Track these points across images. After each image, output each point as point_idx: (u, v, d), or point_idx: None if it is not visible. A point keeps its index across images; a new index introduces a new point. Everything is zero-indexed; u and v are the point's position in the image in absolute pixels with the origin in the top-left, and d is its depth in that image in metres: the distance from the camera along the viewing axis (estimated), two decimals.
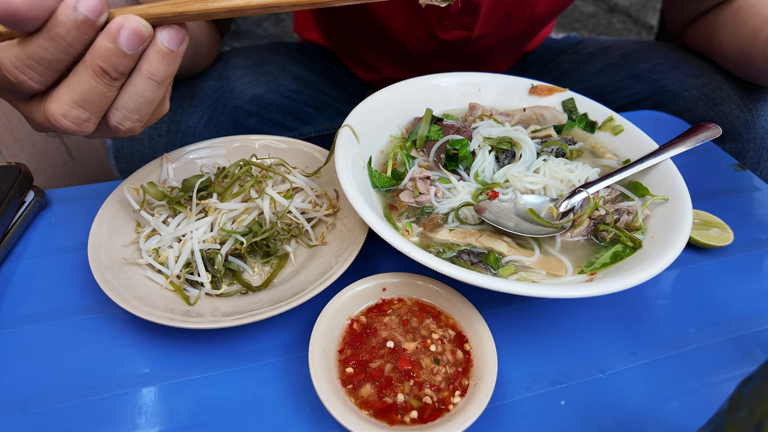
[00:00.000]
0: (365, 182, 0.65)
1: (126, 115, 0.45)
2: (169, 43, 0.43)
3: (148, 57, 0.43)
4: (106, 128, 0.46)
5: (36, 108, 0.44)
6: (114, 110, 0.45)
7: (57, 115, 0.43)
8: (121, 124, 0.46)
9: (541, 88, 0.81)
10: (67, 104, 0.42)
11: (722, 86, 0.95)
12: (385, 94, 0.74)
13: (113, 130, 0.47)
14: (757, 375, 0.32)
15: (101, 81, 0.42)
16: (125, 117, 0.46)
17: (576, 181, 0.66)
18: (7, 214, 0.65)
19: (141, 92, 0.44)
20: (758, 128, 0.92)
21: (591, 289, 0.49)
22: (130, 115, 0.46)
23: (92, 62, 0.41)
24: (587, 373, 0.56)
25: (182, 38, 0.44)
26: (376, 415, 0.47)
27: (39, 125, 0.46)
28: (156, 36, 0.43)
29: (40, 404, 0.51)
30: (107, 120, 0.46)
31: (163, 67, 0.44)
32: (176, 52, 0.44)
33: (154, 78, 0.44)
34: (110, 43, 0.40)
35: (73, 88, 0.42)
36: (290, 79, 1.11)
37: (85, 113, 0.43)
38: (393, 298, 0.57)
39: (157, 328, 0.58)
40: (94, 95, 0.42)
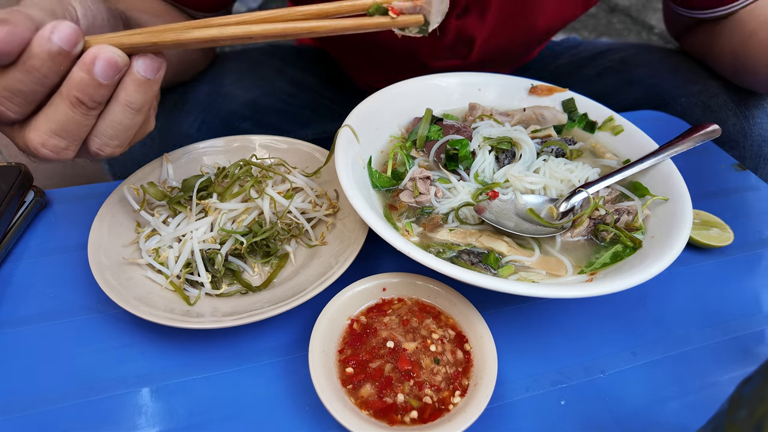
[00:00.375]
0: (365, 182, 0.65)
1: (105, 141, 0.45)
2: (146, 72, 0.43)
3: (125, 85, 0.43)
4: (87, 154, 0.46)
5: (17, 134, 0.44)
6: (93, 137, 0.45)
7: (36, 144, 0.42)
8: (101, 150, 0.46)
9: (541, 88, 0.81)
10: (45, 134, 0.42)
11: (719, 93, 0.95)
12: (385, 94, 0.74)
13: (94, 155, 0.46)
14: (757, 375, 0.32)
15: (78, 111, 0.42)
16: (104, 144, 0.45)
17: (576, 181, 0.66)
18: (7, 214, 0.65)
19: (119, 120, 0.44)
20: (755, 135, 0.93)
21: (591, 289, 0.49)
22: (109, 142, 0.46)
23: (68, 93, 0.41)
24: (587, 373, 0.55)
25: (158, 66, 0.44)
26: (376, 415, 0.47)
27: (22, 150, 0.46)
28: (132, 65, 0.43)
29: (40, 404, 0.51)
30: (87, 146, 0.45)
31: (139, 95, 0.44)
32: (153, 80, 0.44)
33: (131, 106, 0.44)
34: (85, 73, 0.40)
35: (50, 118, 0.42)
36: (286, 82, 1.11)
37: (64, 142, 0.43)
38: (393, 298, 0.57)
39: (157, 328, 0.58)
40: (71, 124, 0.42)
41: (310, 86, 1.14)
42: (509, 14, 0.90)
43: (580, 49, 1.19)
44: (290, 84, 1.11)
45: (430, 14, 0.44)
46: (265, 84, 1.07)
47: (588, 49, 1.18)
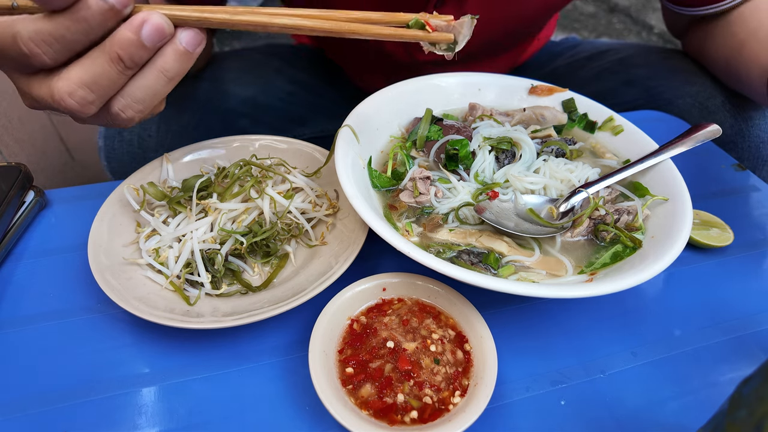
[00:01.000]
0: (365, 182, 0.65)
1: (129, 103, 0.46)
2: (188, 44, 0.45)
3: (165, 53, 0.44)
4: (107, 114, 0.47)
5: (38, 83, 0.45)
6: (119, 97, 0.46)
7: (63, 93, 0.43)
8: (122, 111, 0.47)
9: (541, 88, 0.81)
10: (76, 84, 0.43)
11: (716, 94, 0.95)
12: (385, 94, 0.74)
13: (113, 116, 0.47)
14: (757, 375, 0.32)
15: (115, 67, 0.43)
16: (128, 105, 0.47)
17: (576, 181, 0.66)
18: (7, 214, 0.65)
19: (150, 84, 0.46)
20: (752, 137, 0.93)
21: (591, 289, 0.49)
22: (134, 105, 0.47)
23: (110, 49, 0.42)
24: (587, 373, 0.55)
25: (200, 41, 0.46)
26: (376, 415, 0.47)
27: (36, 101, 0.46)
28: (176, 35, 0.44)
29: (40, 404, 0.51)
30: (109, 106, 0.47)
31: (176, 65, 0.45)
32: (192, 53, 0.45)
33: (166, 73, 0.45)
34: (132, 34, 0.42)
35: (86, 69, 0.43)
36: (285, 81, 1.10)
37: (92, 95, 0.44)
38: (393, 298, 0.57)
39: (157, 328, 0.58)
40: (104, 79, 0.44)
41: (308, 85, 1.14)
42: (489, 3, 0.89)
43: (579, 50, 1.19)
44: (289, 82, 1.11)
45: (459, 35, 0.48)
46: (264, 82, 1.07)
47: (587, 50, 1.18)
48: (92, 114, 0.46)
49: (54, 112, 0.48)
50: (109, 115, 0.47)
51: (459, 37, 0.48)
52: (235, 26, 0.45)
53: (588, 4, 3.69)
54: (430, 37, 0.48)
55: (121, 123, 0.49)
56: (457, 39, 0.48)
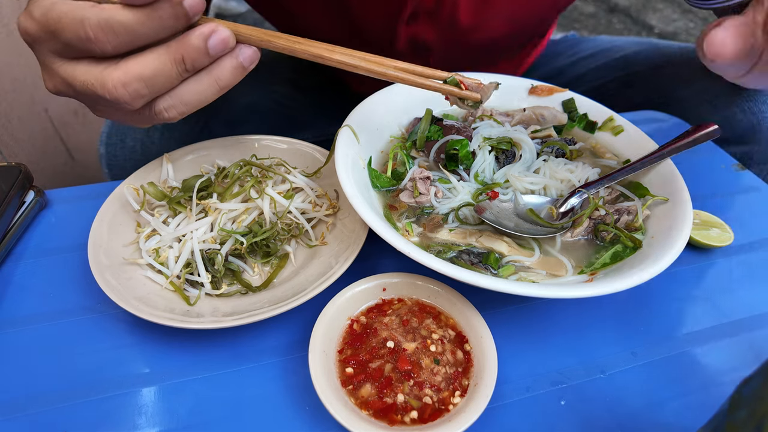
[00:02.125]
0: (365, 182, 0.65)
1: (176, 104, 0.48)
2: (245, 60, 0.48)
3: (222, 64, 0.47)
4: (148, 110, 0.49)
5: (84, 68, 0.46)
6: (167, 96, 0.48)
7: (117, 83, 0.45)
8: (166, 110, 0.49)
9: (541, 89, 0.81)
10: (134, 76, 0.45)
11: (725, 90, 0.94)
12: (385, 94, 0.74)
13: (155, 113, 0.49)
14: (757, 375, 0.32)
15: (176, 68, 0.45)
16: (173, 106, 0.48)
17: (576, 182, 0.66)
18: (7, 214, 0.65)
19: (202, 90, 0.48)
20: (764, 131, 0.91)
21: (591, 289, 0.49)
22: (179, 106, 0.49)
23: (176, 49, 0.45)
24: (587, 373, 0.55)
25: (256, 59, 0.49)
26: (376, 415, 0.47)
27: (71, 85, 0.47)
28: (236, 49, 0.48)
29: (40, 404, 0.51)
30: (154, 103, 0.48)
31: (231, 76, 0.48)
32: (246, 69, 0.49)
33: (219, 82, 0.48)
34: (200, 41, 0.45)
35: (146, 64, 0.45)
36: (286, 86, 1.10)
37: (146, 90, 0.46)
38: (393, 298, 0.57)
39: (157, 328, 0.58)
40: (162, 77, 0.45)
41: (310, 89, 1.14)
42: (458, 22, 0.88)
43: (580, 48, 1.18)
44: (290, 87, 1.11)
45: (485, 95, 0.55)
46: (265, 88, 1.06)
47: (588, 48, 1.17)
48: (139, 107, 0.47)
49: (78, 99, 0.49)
50: (151, 112, 0.49)
51: (484, 98, 0.55)
52: (295, 53, 0.50)
53: (588, 4, 3.69)
54: (462, 94, 0.55)
55: (159, 121, 0.50)
56: (482, 99, 0.55)
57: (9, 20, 1.22)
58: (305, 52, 0.50)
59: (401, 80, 0.53)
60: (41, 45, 0.46)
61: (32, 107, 1.31)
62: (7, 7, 1.21)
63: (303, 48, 0.50)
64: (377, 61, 0.52)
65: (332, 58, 0.50)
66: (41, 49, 0.47)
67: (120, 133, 0.94)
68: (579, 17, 3.57)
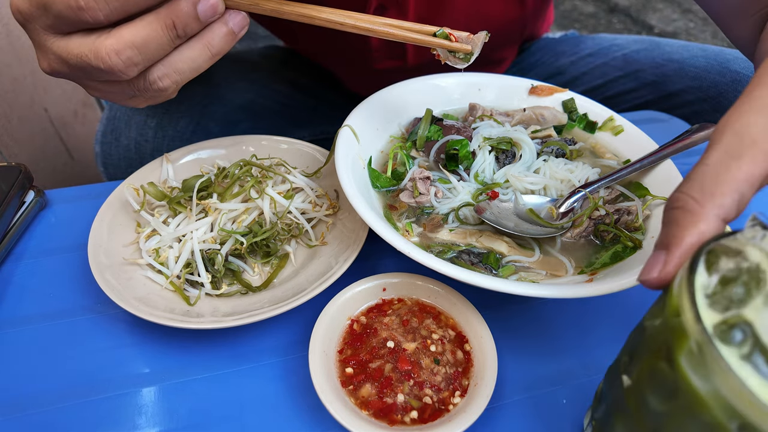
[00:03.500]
0: (365, 182, 0.65)
1: (169, 72, 0.48)
2: (234, 26, 0.48)
3: (213, 29, 0.48)
4: (143, 80, 0.49)
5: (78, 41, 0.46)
6: (160, 65, 0.48)
7: (111, 50, 0.45)
8: (160, 79, 0.49)
9: (541, 89, 0.81)
10: (126, 44, 0.45)
11: (727, 90, 0.93)
12: (385, 94, 0.74)
13: (149, 83, 0.49)
14: None
15: (167, 34, 0.45)
16: (167, 74, 0.49)
17: (576, 182, 0.66)
18: (7, 214, 0.65)
19: (194, 57, 0.48)
20: None
21: (591, 289, 0.49)
22: (173, 74, 0.49)
23: (166, 15, 0.45)
24: (587, 373, 0.55)
25: (245, 24, 0.49)
26: (376, 415, 0.47)
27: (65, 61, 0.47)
28: (225, 15, 0.48)
29: (40, 404, 0.51)
30: (148, 72, 0.48)
31: (221, 42, 0.48)
32: (236, 35, 0.49)
33: (211, 49, 0.48)
34: (189, 6, 0.45)
35: (138, 31, 0.45)
36: (283, 84, 1.10)
37: (139, 57, 0.46)
38: (393, 298, 0.57)
39: (157, 328, 0.58)
40: (154, 44, 0.46)
41: (306, 88, 1.14)
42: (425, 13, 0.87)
43: (581, 46, 1.17)
44: (287, 86, 1.10)
45: (475, 47, 0.54)
46: (262, 86, 1.06)
47: (589, 46, 1.16)
48: (133, 75, 0.47)
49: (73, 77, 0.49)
50: (146, 81, 0.49)
51: (475, 49, 0.54)
52: (283, 15, 0.50)
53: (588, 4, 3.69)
54: (452, 46, 0.54)
55: (153, 93, 0.50)
56: (473, 50, 0.54)
57: (9, 20, 1.21)
58: (293, 12, 0.50)
59: (389, 35, 0.52)
60: (34, 22, 0.46)
61: (32, 107, 1.31)
62: (7, 7, 1.21)
63: (291, 9, 0.50)
64: (365, 18, 0.52)
65: (320, 17, 0.50)
66: (34, 27, 0.47)
67: (114, 132, 0.94)
68: (579, 17, 3.57)
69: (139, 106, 0.55)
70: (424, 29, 0.54)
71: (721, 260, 0.31)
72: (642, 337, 0.36)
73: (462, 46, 0.54)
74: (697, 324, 0.28)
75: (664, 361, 0.31)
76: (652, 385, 0.33)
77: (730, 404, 0.26)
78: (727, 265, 0.30)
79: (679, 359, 0.29)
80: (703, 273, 0.30)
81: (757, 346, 0.27)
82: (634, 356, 0.36)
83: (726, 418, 0.27)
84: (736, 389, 0.26)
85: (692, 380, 0.29)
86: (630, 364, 0.36)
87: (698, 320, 0.28)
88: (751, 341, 0.27)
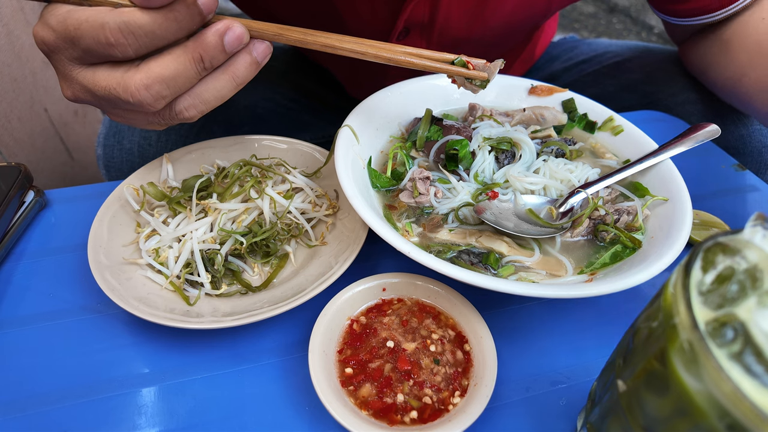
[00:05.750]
0: (365, 182, 0.65)
1: (196, 103, 0.49)
2: (258, 55, 0.49)
3: (237, 60, 0.49)
4: (169, 110, 0.50)
5: (105, 73, 0.47)
6: (187, 96, 0.49)
7: (140, 86, 0.46)
8: (186, 109, 0.49)
9: (541, 89, 0.81)
10: (156, 78, 0.46)
11: (716, 99, 0.94)
12: (385, 94, 0.74)
13: (176, 113, 0.50)
14: None
15: (195, 67, 0.46)
16: (193, 105, 0.49)
17: (576, 182, 0.66)
18: (7, 214, 0.65)
19: (219, 87, 0.49)
20: (755, 142, 0.92)
21: (591, 289, 0.49)
22: (199, 104, 0.49)
23: (194, 49, 0.46)
24: (587, 373, 0.55)
25: (269, 54, 0.50)
26: (376, 415, 0.47)
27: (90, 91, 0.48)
28: (250, 45, 0.49)
29: (40, 404, 0.51)
30: (174, 103, 0.49)
31: (246, 72, 0.49)
32: (260, 64, 0.50)
33: (236, 79, 0.49)
34: (216, 38, 0.46)
35: (167, 66, 0.46)
36: (286, 87, 1.10)
37: (167, 90, 0.46)
38: (393, 298, 0.57)
39: (157, 328, 0.58)
40: (182, 77, 0.46)
41: (310, 91, 1.14)
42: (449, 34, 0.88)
43: (576, 52, 1.18)
44: (290, 89, 1.10)
45: (491, 74, 0.56)
46: (265, 89, 1.06)
47: (584, 52, 1.17)
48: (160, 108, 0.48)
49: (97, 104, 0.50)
50: (171, 112, 0.49)
51: (491, 76, 0.56)
52: (307, 45, 0.51)
53: (588, 4, 3.69)
54: (470, 74, 0.56)
55: (179, 120, 0.51)
56: (489, 78, 0.56)
57: (9, 20, 1.21)
58: (317, 42, 0.51)
59: (409, 64, 0.54)
60: (59, 54, 0.47)
61: (32, 107, 1.31)
62: (7, 7, 1.21)
63: (314, 39, 0.51)
64: (385, 47, 0.53)
65: (343, 47, 0.51)
66: (59, 58, 0.47)
67: (117, 135, 0.94)
68: (579, 17, 3.57)
69: (159, 129, 0.56)
70: (443, 57, 0.55)
71: (718, 258, 0.31)
72: (636, 339, 0.36)
73: (479, 74, 0.56)
74: (689, 320, 0.28)
75: (657, 362, 0.31)
76: (647, 389, 0.33)
77: (720, 402, 0.27)
78: (724, 263, 0.31)
79: (672, 357, 0.29)
80: (698, 270, 0.30)
81: (749, 344, 0.27)
82: (628, 359, 0.36)
83: (715, 418, 0.27)
84: (725, 387, 0.26)
85: (684, 378, 0.29)
86: (624, 367, 0.36)
87: (691, 316, 0.28)
88: (742, 340, 0.28)
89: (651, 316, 0.34)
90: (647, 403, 0.33)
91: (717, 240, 0.32)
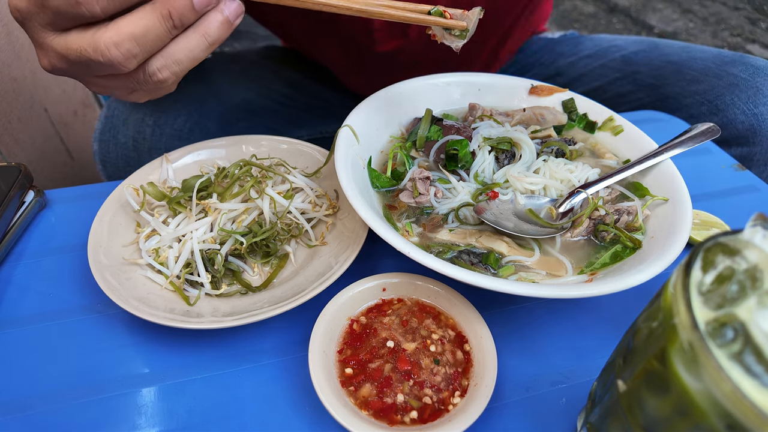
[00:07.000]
0: (365, 182, 0.65)
1: (168, 63, 0.49)
2: (230, 14, 0.49)
3: (209, 19, 0.48)
4: (142, 72, 0.49)
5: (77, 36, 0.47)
6: (159, 56, 0.49)
7: (110, 43, 0.45)
8: (159, 71, 0.49)
9: (541, 89, 0.81)
10: (125, 36, 0.45)
11: (724, 92, 0.94)
12: (385, 94, 0.74)
13: (149, 75, 0.49)
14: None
15: (164, 24, 0.46)
16: (166, 65, 0.49)
17: (576, 182, 0.66)
18: (7, 214, 0.65)
19: (191, 47, 0.49)
20: (764, 132, 0.91)
21: (591, 289, 0.49)
22: (172, 65, 0.49)
23: (162, 6, 0.45)
24: (587, 373, 0.55)
25: (241, 13, 0.49)
26: (376, 415, 0.47)
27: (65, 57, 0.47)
28: (221, 4, 0.48)
29: (40, 404, 0.51)
30: (147, 64, 0.49)
31: (218, 31, 0.49)
32: (232, 24, 0.49)
33: (208, 38, 0.48)
34: None
35: (136, 23, 0.45)
36: (281, 83, 1.10)
37: (137, 48, 0.46)
38: (393, 298, 0.57)
39: (157, 328, 0.58)
40: (152, 35, 0.46)
41: (305, 87, 1.14)
42: None
43: (579, 47, 1.18)
44: (285, 85, 1.10)
45: (470, 23, 0.54)
46: (260, 85, 1.06)
47: (588, 47, 1.17)
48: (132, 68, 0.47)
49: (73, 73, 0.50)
50: (145, 74, 0.49)
51: (470, 25, 0.54)
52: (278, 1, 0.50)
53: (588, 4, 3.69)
54: (448, 23, 0.54)
55: (153, 85, 0.50)
56: (468, 26, 0.54)
57: (9, 20, 1.21)
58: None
59: (384, 15, 0.52)
60: (32, 20, 0.47)
61: (32, 107, 1.31)
62: (6, 7, 1.21)
63: None
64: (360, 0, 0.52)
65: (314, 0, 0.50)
66: (33, 25, 0.47)
67: (113, 130, 0.94)
68: (579, 17, 3.57)
69: (139, 100, 0.56)
70: (419, 8, 0.53)
71: (718, 258, 0.31)
72: (636, 339, 0.36)
73: (457, 22, 0.54)
74: (689, 320, 0.28)
75: (657, 362, 0.31)
76: (647, 389, 0.33)
77: (720, 402, 0.27)
78: (724, 263, 0.31)
79: (672, 357, 0.29)
80: (698, 270, 0.30)
81: (749, 344, 0.27)
82: (628, 359, 0.36)
83: (715, 418, 0.27)
84: (725, 387, 0.26)
85: (684, 379, 0.29)
86: (625, 367, 0.36)
87: (691, 316, 0.28)
88: (742, 340, 0.28)
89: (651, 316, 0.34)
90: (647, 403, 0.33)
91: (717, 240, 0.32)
